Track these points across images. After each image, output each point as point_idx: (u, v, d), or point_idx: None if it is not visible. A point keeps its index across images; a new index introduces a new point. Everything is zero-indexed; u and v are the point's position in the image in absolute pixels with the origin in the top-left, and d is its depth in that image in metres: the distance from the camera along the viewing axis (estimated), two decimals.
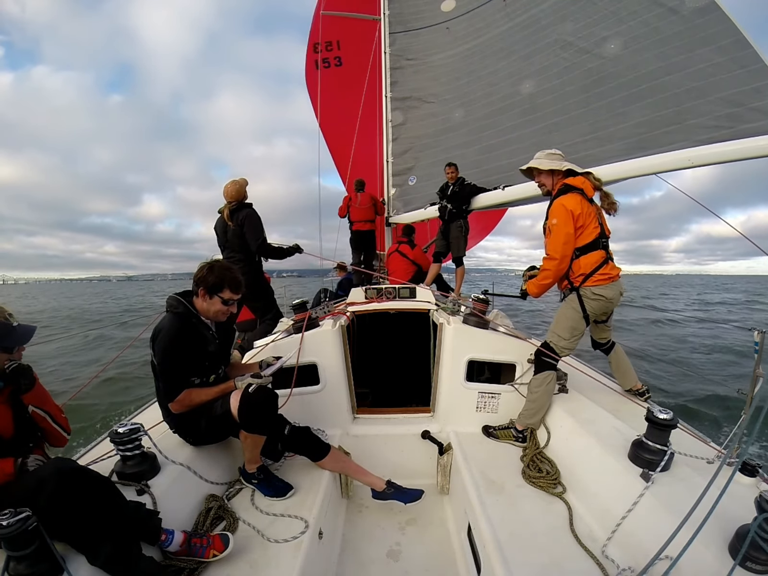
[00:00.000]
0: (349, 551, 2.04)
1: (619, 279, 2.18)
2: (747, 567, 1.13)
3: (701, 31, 2.89)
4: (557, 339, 2.25)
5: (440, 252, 4.96)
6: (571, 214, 2.07)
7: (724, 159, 2.69)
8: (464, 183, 4.55)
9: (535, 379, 2.30)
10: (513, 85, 4.35)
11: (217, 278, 1.81)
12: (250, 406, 1.76)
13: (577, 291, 2.18)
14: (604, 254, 2.15)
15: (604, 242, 2.17)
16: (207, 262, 1.86)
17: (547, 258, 2.19)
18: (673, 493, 1.47)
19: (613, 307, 2.26)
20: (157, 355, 1.77)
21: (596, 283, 2.13)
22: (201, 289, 1.82)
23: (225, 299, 1.84)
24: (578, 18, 3.75)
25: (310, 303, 3.97)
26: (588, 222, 2.11)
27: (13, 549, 1.07)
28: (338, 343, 2.60)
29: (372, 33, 6.08)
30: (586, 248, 2.13)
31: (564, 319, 2.25)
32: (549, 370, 2.26)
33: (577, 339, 2.26)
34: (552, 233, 2.13)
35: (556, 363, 2.27)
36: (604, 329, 2.43)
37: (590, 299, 2.16)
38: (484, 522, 1.65)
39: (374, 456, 2.47)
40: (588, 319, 2.21)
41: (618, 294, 2.19)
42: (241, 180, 3.44)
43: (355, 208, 5.82)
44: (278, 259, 3.65)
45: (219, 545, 1.49)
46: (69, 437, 1.58)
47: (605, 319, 2.35)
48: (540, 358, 2.29)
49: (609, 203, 2.21)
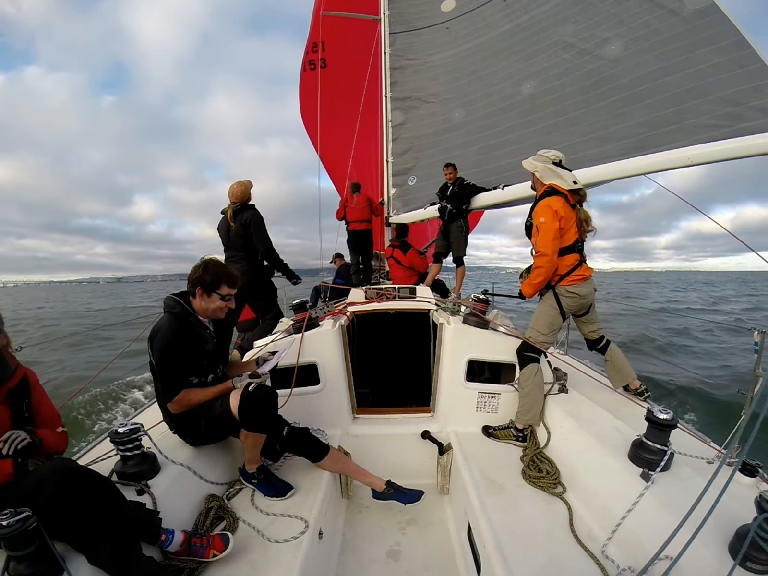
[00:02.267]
0: (349, 551, 2.04)
1: (591, 278, 2.37)
2: (747, 567, 1.13)
3: (701, 32, 2.90)
4: (536, 335, 2.40)
5: (441, 252, 4.96)
6: (555, 214, 2.22)
7: (723, 157, 2.70)
8: (464, 183, 4.56)
9: (522, 374, 2.39)
10: (513, 86, 4.35)
11: (213, 276, 1.85)
12: (250, 404, 1.76)
13: (554, 289, 2.35)
14: (579, 257, 2.33)
15: (580, 246, 2.35)
16: (200, 262, 1.90)
17: (538, 255, 2.29)
18: (673, 493, 1.47)
19: (587, 303, 2.41)
20: (155, 355, 1.77)
21: (570, 283, 2.31)
22: (198, 288, 1.84)
23: (223, 295, 1.88)
24: (579, 19, 3.76)
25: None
26: (568, 226, 2.28)
27: (13, 549, 1.07)
28: (338, 343, 2.60)
29: (361, 32, 6.09)
30: (565, 250, 2.30)
31: (542, 316, 2.40)
32: (532, 364, 2.36)
33: (555, 333, 2.44)
34: (541, 231, 2.25)
35: (538, 356, 2.38)
36: (589, 323, 2.51)
37: (565, 296, 2.33)
38: (484, 522, 1.65)
39: (374, 456, 2.46)
40: (564, 314, 2.38)
41: (591, 291, 2.37)
42: (246, 182, 3.51)
43: (351, 209, 5.84)
44: (277, 270, 3.72)
45: (219, 545, 1.49)
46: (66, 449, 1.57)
47: (585, 312, 2.46)
48: (522, 354, 2.40)
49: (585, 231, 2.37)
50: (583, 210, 2.35)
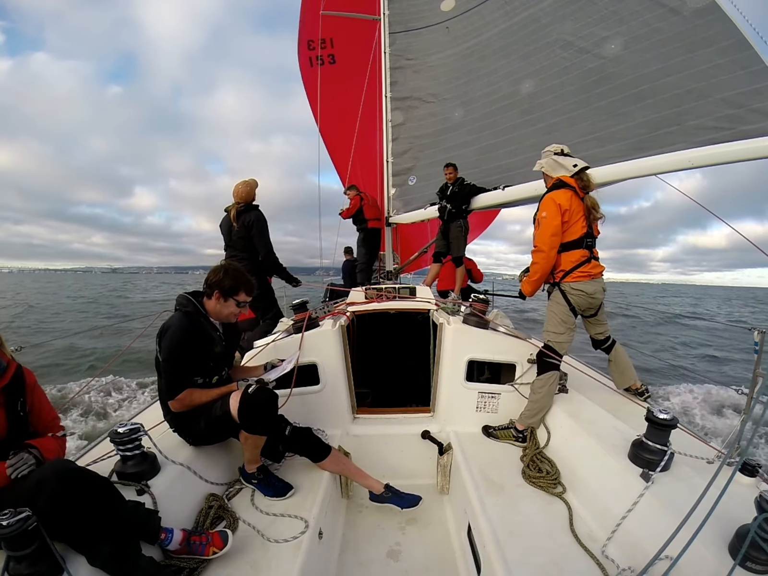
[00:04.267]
0: (349, 551, 2.04)
1: (601, 277, 2.27)
2: (747, 567, 1.13)
3: (702, 32, 2.88)
4: (553, 336, 2.32)
5: (440, 252, 4.96)
6: (559, 208, 2.15)
7: (724, 160, 2.68)
8: (464, 183, 4.56)
9: (539, 380, 2.32)
10: (512, 85, 4.34)
11: (234, 282, 1.87)
12: (250, 406, 1.76)
13: (559, 286, 2.28)
14: (587, 253, 2.23)
15: (589, 242, 2.24)
16: (221, 266, 1.92)
17: (535, 250, 2.25)
18: (673, 493, 1.47)
19: (596, 303, 2.32)
20: (162, 352, 1.77)
21: (575, 280, 2.23)
22: (217, 291, 1.86)
23: (239, 302, 1.90)
24: (578, 17, 3.74)
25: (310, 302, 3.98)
26: (575, 219, 2.19)
27: (13, 549, 1.07)
28: (338, 343, 2.60)
29: (366, 31, 6.09)
30: (570, 245, 2.22)
31: (553, 315, 2.33)
32: (552, 371, 2.29)
33: (571, 331, 2.33)
34: (541, 225, 2.21)
35: (558, 363, 2.30)
36: (597, 324, 2.46)
37: (572, 293, 2.25)
38: (484, 522, 1.65)
39: (374, 456, 2.47)
40: (575, 311, 2.28)
41: (600, 290, 2.27)
42: (251, 181, 3.48)
43: (369, 207, 5.85)
44: (276, 274, 3.72)
45: (218, 542, 1.49)
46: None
47: (594, 313, 2.39)
48: (543, 359, 2.32)
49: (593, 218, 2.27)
50: (589, 197, 2.27)
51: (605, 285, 2.30)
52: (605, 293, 2.33)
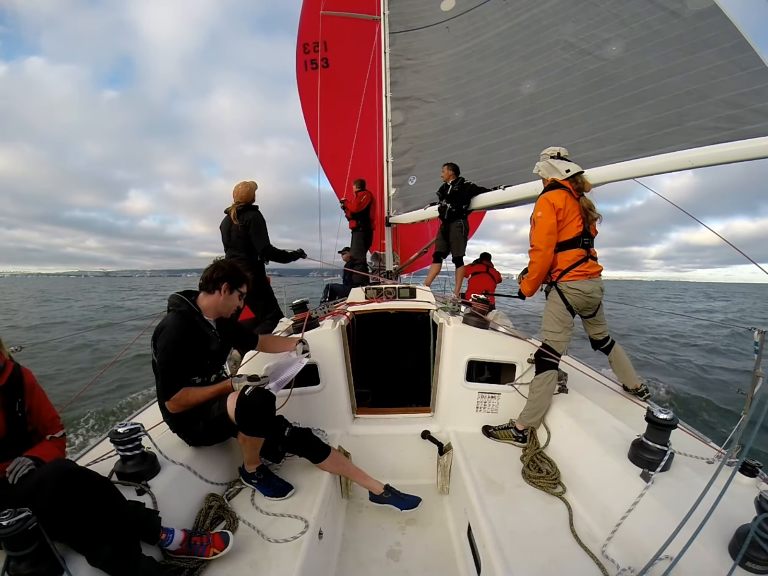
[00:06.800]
0: (349, 551, 2.04)
1: (599, 276, 2.28)
2: (747, 567, 1.13)
3: (702, 34, 2.88)
4: (551, 335, 2.33)
5: (440, 252, 4.96)
6: (553, 207, 2.17)
7: (724, 160, 2.69)
8: (464, 183, 4.56)
9: (537, 379, 2.33)
10: (513, 85, 4.34)
11: (239, 273, 1.97)
12: (247, 408, 1.75)
13: (556, 285, 2.30)
14: (584, 252, 2.24)
15: (586, 241, 2.25)
16: (220, 261, 2.01)
17: (532, 249, 2.27)
18: (673, 493, 1.47)
19: (594, 302, 2.32)
20: (158, 353, 1.77)
21: (572, 279, 2.24)
22: (225, 284, 1.91)
23: (242, 293, 2.01)
24: (580, 19, 3.74)
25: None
26: (570, 219, 2.21)
27: (13, 549, 1.07)
28: (338, 343, 2.60)
29: (362, 32, 6.08)
30: (566, 245, 2.23)
31: (550, 315, 2.34)
32: (550, 370, 2.29)
33: (569, 330, 2.34)
34: (536, 225, 2.23)
35: (557, 362, 2.30)
36: (595, 324, 2.46)
37: (568, 292, 2.26)
38: (484, 522, 1.65)
39: (374, 456, 2.47)
40: (572, 310, 2.29)
41: (597, 289, 2.27)
42: (251, 182, 3.53)
43: (374, 207, 5.82)
44: (282, 263, 3.72)
45: (219, 543, 1.50)
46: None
47: (592, 313, 2.39)
48: (541, 358, 2.32)
49: (591, 218, 2.28)
50: (585, 198, 2.28)
51: (603, 285, 2.31)
52: (603, 293, 2.33)
